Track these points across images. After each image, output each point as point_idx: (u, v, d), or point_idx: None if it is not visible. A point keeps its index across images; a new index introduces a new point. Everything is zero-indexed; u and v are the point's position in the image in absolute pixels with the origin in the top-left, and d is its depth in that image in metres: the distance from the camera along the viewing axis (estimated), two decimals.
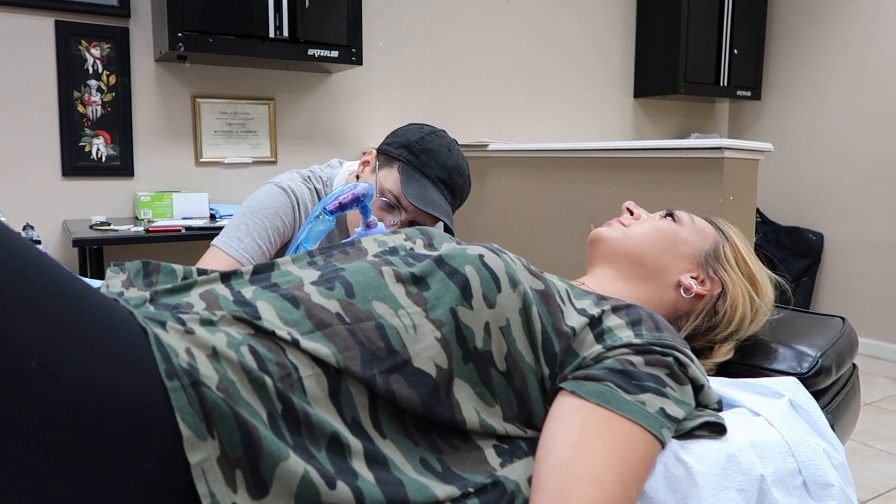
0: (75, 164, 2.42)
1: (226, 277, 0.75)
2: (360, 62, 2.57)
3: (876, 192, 3.47)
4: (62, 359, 0.50)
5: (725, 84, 3.66)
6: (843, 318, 1.08)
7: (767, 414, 0.77)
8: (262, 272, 0.76)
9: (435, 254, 0.76)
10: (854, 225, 3.57)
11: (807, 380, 0.92)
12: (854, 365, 1.09)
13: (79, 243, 1.99)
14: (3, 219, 1.94)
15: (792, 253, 3.74)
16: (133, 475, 0.51)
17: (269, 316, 0.65)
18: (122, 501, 0.50)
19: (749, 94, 3.79)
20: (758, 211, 3.88)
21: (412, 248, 0.84)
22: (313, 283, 0.71)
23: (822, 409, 0.86)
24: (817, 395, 0.93)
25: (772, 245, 3.78)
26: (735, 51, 3.65)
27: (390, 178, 1.24)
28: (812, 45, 3.72)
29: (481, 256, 0.73)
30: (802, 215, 3.79)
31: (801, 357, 0.95)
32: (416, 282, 0.72)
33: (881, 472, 2.20)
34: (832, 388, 0.99)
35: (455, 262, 0.73)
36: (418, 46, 3.08)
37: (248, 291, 0.70)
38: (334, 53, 2.51)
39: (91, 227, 2.16)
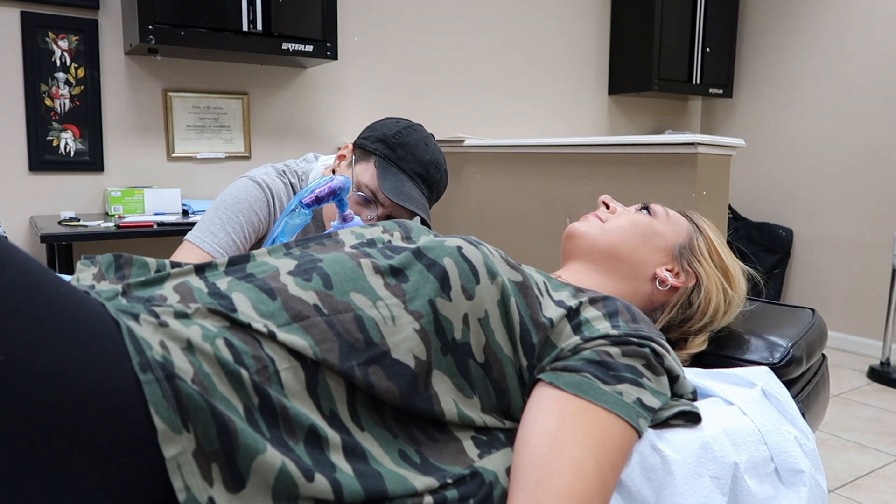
0: (42, 158, 2.37)
1: (200, 269, 0.74)
2: (335, 57, 2.55)
3: (844, 189, 3.55)
4: (32, 350, 0.49)
5: (698, 82, 3.71)
6: (812, 310, 1.10)
7: (741, 403, 0.79)
8: (237, 263, 0.75)
9: (413, 246, 0.75)
10: (823, 221, 3.64)
11: (778, 369, 0.93)
12: (823, 355, 1.12)
13: (47, 239, 1.95)
14: None
15: (762, 248, 3.81)
16: (106, 469, 0.50)
17: (245, 308, 0.64)
18: (96, 496, 0.49)
19: (721, 91, 3.85)
20: (729, 207, 3.93)
21: (390, 241, 0.83)
22: (290, 273, 0.70)
23: (794, 397, 0.88)
24: (789, 384, 0.95)
25: (743, 240, 3.85)
26: (707, 49, 3.70)
27: (367, 172, 1.24)
28: (783, 44, 3.79)
29: (460, 248, 0.73)
30: (772, 211, 3.86)
31: (772, 347, 0.96)
32: (395, 273, 0.72)
33: (848, 462, 2.25)
34: (803, 378, 1.01)
35: (433, 253, 0.72)
36: (394, 42, 3.07)
37: (223, 283, 0.69)
38: (309, 48, 2.49)
39: (59, 222, 2.11)
